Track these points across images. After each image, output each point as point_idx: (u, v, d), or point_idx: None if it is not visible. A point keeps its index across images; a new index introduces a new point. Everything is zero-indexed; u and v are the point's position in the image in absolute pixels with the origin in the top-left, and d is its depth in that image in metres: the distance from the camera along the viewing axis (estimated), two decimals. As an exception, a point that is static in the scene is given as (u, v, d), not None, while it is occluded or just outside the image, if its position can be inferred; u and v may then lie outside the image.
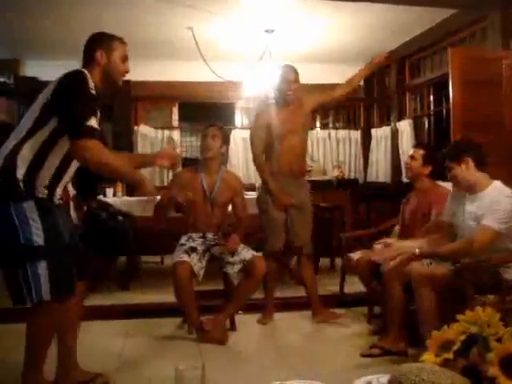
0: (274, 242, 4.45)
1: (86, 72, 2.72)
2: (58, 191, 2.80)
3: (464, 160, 3.38)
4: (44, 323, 2.70)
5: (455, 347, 1.39)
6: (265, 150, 4.48)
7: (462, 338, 1.40)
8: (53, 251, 2.64)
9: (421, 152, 4.08)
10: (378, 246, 4.13)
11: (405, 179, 7.14)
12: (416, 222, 4.08)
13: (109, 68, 2.86)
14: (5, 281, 2.69)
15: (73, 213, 3.01)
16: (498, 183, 3.40)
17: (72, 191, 4.83)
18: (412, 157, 4.10)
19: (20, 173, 2.62)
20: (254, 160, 4.55)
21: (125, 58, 2.92)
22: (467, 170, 3.39)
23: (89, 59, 2.84)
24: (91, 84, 2.68)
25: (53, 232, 2.66)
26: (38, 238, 2.60)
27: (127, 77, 3.17)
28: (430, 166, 4.05)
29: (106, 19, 2.97)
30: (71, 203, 4.56)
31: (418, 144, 4.39)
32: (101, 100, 2.81)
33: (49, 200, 2.72)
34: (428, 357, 1.43)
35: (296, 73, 4.45)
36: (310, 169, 7.27)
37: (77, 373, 3.01)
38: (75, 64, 2.84)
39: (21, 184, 2.61)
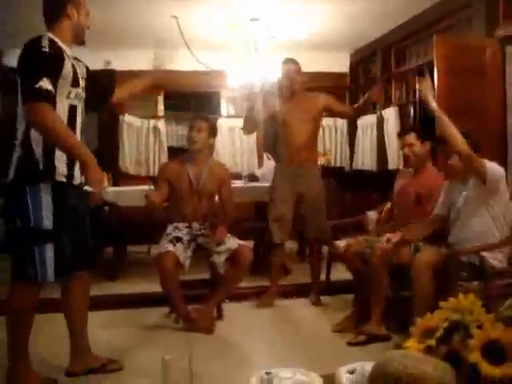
0: (277, 234, 4.56)
1: (38, 36, 2.73)
2: (77, 169, 2.83)
3: None
4: (22, 301, 2.75)
5: (437, 334, 1.41)
6: (275, 140, 4.71)
7: (444, 325, 1.42)
8: (60, 235, 2.74)
9: (413, 135, 4.00)
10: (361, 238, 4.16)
11: (391, 166, 7.20)
12: (408, 202, 4.04)
13: (78, 24, 2.90)
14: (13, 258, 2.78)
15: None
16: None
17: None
18: (409, 144, 3.97)
19: (38, 153, 2.69)
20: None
21: (88, 14, 2.98)
22: None
23: (58, 15, 2.85)
24: (44, 42, 2.69)
25: (63, 217, 2.74)
26: (48, 221, 2.68)
27: (112, 66, 3.20)
28: (428, 141, 3.98)
29: (90, 8, 2.99)
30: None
31: (405, 131, 4.28)
32: (58, 57, 2.75)
33: (68, 183, 2.79)
34: (411, 344, 1.45)
35: (296, 64, 4.65)
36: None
37: (89, 358, 3.09)
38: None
39: (40, 165, 2.69)
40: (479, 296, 1.56)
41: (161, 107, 8.43)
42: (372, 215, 4.26)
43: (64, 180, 2.77)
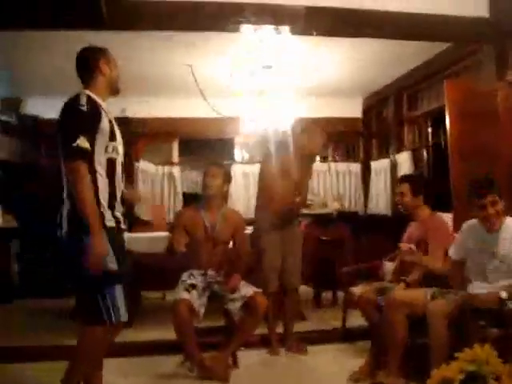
0: (273, 283, 4.52)
1: (77, 94, 2.87)
2: (119, 212, 2.95)
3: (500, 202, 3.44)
4: (97, 343, 2.87)
5: (454, 386, 1.39)
6: (262, 189, 4.78)
7: (461, 376, 1.39)
8: (124, 275, 2.88)
9: (407, 186, 4.13)
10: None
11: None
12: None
13: (111, 77, 3.04)
14: (78, 306, 3.01)
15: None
16: (510, 218, 3.45)
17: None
18: (401, 193, 4.14)
19: None
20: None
21: (116, 65, 3.11)
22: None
23: (92, 73, 2.99)
24: (82, 100, 2.81)
25: (122, 258, 2.88)
26: (112, 264, 2.80)
27: (127, 113, 3.32)
28: (420, 195, 4.10)
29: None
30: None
31: (401, 179, 4.43)
32: (97, 111, 2.87)
33: (117, 228, 2.91)
34: (427, 396, 1.43)
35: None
36: (310, 202, 7.31)
37: None
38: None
39: None
40: (498, 343, 1.53)
41: (175, 154, 8.52)
42: (389, 266, 4.24)
43: (114, 225, 2.89)
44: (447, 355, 2.87)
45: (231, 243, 4.36)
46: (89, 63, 3.00)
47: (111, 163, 2.93)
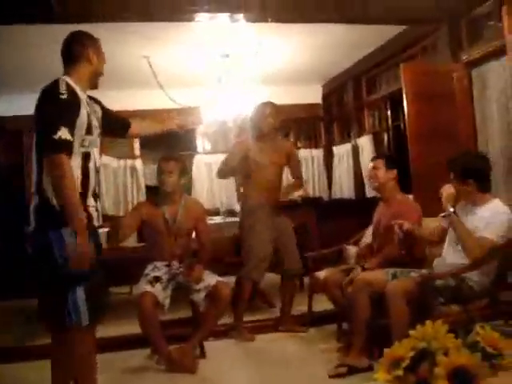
0: (260, 273, 4.58)
1: (55, 80, 2.72)
2: (92, 209, 2.82)
3: (468, 183, 3.41)
4: (79, 350, 2.75)
5: (404, 364, 1.40)
6: (243, 179, 4.74)
7: (411, 353, 1.41)
8: (88, 277, 2.68)
9: (381, 160, 4.14)
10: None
11: (369, 194, 7.23)
12: (378, 233, 4.14)
13: (97, 69, 2.91)
14: (41, 308, 2.83)
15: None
16: (496, 200, 3.44)
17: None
18: (374, 167, 4.13)
19: (53, 199, 2.65)
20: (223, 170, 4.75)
21: (104, 61, 2.97)
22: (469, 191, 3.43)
23: (79, 58, 2.84)
24: (62, 87, 2.67)
25: (92, 258, 2.70)
26: None
27: None
28: (394, 169, 4.11)
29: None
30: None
31: (375, 156, 4.45)
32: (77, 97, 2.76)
33: (88, 225, 2.72)
34: (380, 375, 1.44)
35: (274, 107, 4.68)
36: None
37: None
38: (35, 97, 2.78)
39: (57, 210, 2.64)
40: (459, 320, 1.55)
41: (137, 146, 8.43)
42: (351, 250, 4.28)
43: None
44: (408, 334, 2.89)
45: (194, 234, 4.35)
46: (76, 48, 2.84)
47: (87, 157, 2.78)
